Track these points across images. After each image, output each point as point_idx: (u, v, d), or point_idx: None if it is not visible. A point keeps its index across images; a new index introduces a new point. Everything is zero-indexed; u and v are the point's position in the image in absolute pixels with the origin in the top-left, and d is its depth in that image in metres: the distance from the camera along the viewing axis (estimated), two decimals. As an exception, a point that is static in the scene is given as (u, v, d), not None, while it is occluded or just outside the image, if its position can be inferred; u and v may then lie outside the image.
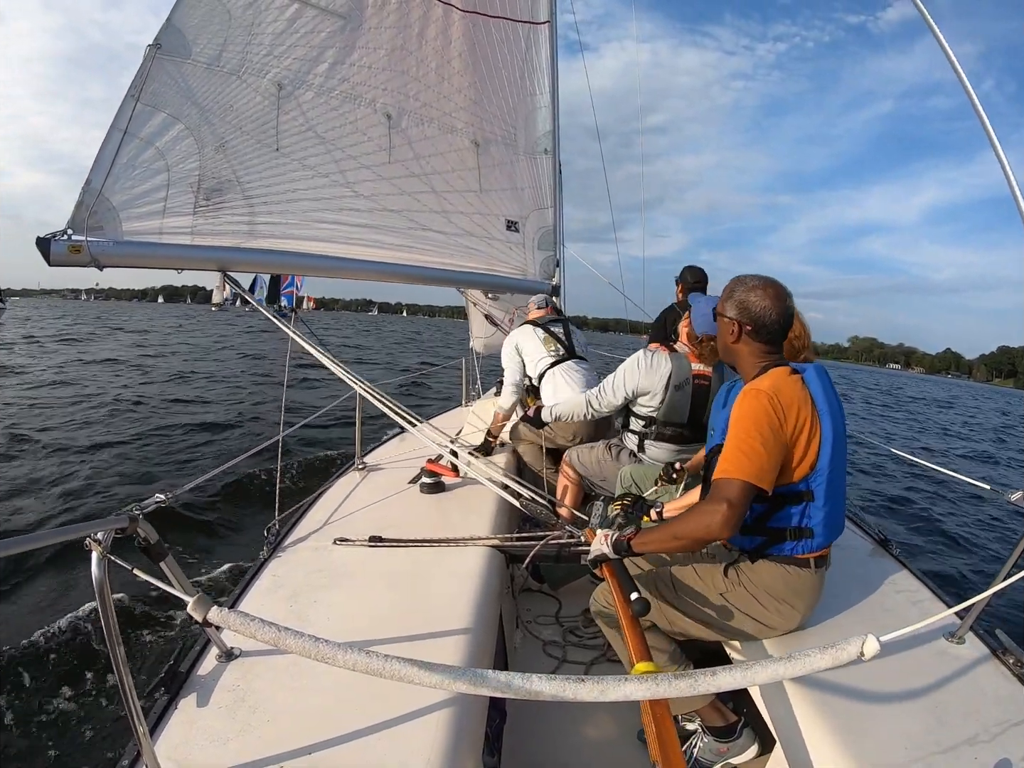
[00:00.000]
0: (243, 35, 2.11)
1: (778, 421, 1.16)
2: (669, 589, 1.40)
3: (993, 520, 5.15)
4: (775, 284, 1.30)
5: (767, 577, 1.30)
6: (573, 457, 2.41)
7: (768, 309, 1.26)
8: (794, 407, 1.18)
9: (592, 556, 1.35)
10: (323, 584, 1.59)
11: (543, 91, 3.07)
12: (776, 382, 1.21)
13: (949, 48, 1.25)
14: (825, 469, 1.21)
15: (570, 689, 0.72)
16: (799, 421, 1.18)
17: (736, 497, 1.11)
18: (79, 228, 1.74)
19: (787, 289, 1.30)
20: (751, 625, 1.33)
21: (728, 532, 1.10)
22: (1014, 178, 1.17)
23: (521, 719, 1.64)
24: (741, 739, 1.38)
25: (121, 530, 0.94)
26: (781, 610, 1.30)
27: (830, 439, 1.20)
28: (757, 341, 1.30)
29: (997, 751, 1.04)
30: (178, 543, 3.73)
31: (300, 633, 0.74)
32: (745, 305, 1.29)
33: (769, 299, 1.27)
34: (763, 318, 1.27)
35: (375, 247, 2.41)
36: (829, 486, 1.23)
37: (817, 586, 1.32)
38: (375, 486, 2.45)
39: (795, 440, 1.19)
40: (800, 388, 1.22)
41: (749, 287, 1.29)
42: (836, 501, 1.27)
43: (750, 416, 1.17)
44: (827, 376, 1.29)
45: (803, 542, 1.26)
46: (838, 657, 0.75)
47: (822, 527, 1.25)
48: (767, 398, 1.17)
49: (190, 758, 1.00)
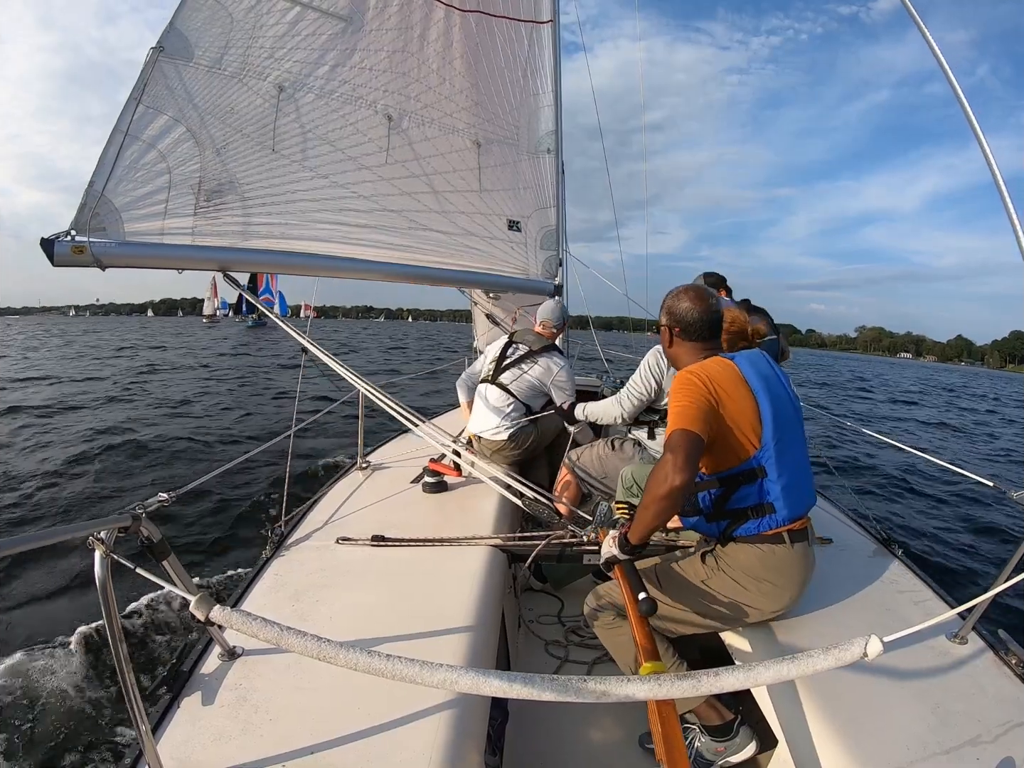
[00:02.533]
0: (244, 38, 2.12)
1: (703, 386, 1.26)
2: (655, 584, 1.42)
3: (997, 519, 5.14)
4: (697, 288, 1.46)
5: (743, 558, 1.33)
6: (572, 458, 2.41)
7: (690, 310, 1.41)
8: (723, 382, 1.28)
9: (603, 559, 1.36)
10: (325, 583, 1.59)
11: (546, 90, 3.07)
12: (702, 364, 1.34)
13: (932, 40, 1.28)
14: (771, 443, 1.27)
15: (573, 690, 0.72)
16: (728, 393, 1.27)
17: (676, 444, 1.18)
18: (82, 229, 1.76)
19: (710, 291, 1.46)
20: (739, 609, 1.34)
21: (680, 476, 1.14)
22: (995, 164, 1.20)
23: (523, 718, 1.64)
24: (738, 738, 1.38)
25: (124, 529, 0.94)
26: (763, 589, 1.32)
27: (769, 411, 1.28)
28: (688, 340, 1.44)
29: (999, 751, 1.04)
30: (181, 542, 3.74)
31: (302, 632, 0.74)
32: (671, 310, 1.45)
33: (689, 300, 1.41)
34: (686, 318, 1.42)
35: (376, 247, 2.41)
36: (780, 459, 1.28)
37: (798, 561, 1.33)
38: (377, 486, 2.45)
39: (731, 413, 1.26)
40: (730, 369, 1.31)
41: (675, 295, 1.46)
42: (794, 474, 1.31)
43: (677, 388, 1.29)
44: (764, 359, 1.40)
45: (766, 518, 1.30)
46: (841, 658, 0.75)
47: (782, 500, 1.29)
48: (689, 373, 1.31)
49: (193, 757, 1.00)
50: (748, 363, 1.34)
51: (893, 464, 7.16)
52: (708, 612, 1.37)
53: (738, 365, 1.32)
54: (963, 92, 1.21)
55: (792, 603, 1.38)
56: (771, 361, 1.41)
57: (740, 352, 1.40)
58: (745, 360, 1.35)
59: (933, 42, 1.26)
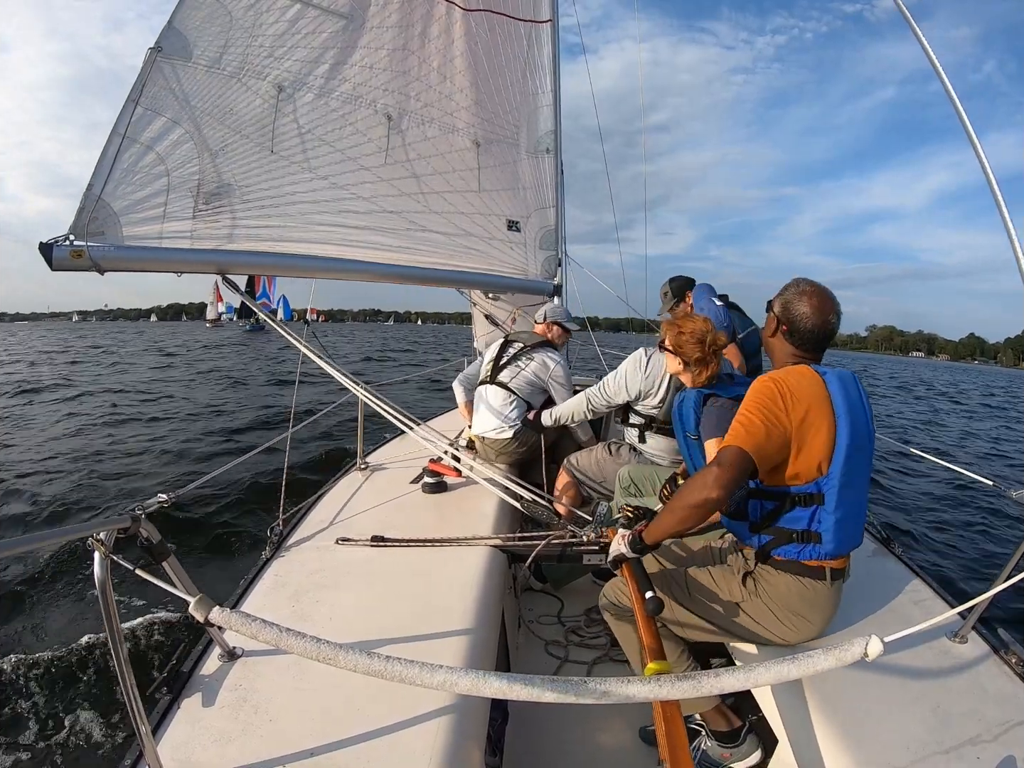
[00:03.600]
0: (244, 37, 2.11)
1: (782, 402, 1.18)
2: (683, 591, 1.39)
3: (997, 518, 5.14)
4: (824, 297, 1.31)
5: (783, 589, 1.28)
6: (572, 462, 2.41)
7: (807, 317, 1.30)
8: (803, 398, 1.19)
9: (611, 556, 1.35)
10: (325, 584, 1.59)
11: (545, 90, 3.07)
12: (787, 372, 1.25)
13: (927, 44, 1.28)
14: (838, 473, 1.19)
15: (573, 691, 0.71)
16: (808, 413, 1.18)
17: (728, 460, 1.13)
18: (80, 233, 1.75)
19: (836, 305, 1.32)
20: (764, 635, 1.32)
21: (719, 491, 1.10)
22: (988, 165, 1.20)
23: (523, 719, 1.64)
24: (744, 745, 1.38)
25: (123, 530, 0.94)
26: (796, 623, 1.29)
27: (846, 444, 1.18)
28: (790, 342, 1.34)
29: (1000, 750, 1.04)
30: (180, 543, 3.74)
31: (302, 634, 0.74)
32: (787, 307, 1.33)
33: (811, 308, 1.30)
34: (799, 323, 1.31)
35: (375, 248, 2.41)
36: (842, 492, 1.20)
37: (832, 599, 1.29)
38: (377, 486, 2.45)
39: (804, 430, 1.18)
40: (816, 384, 1.22)
41: (800, 291, 1.33)
42: (851, 510, 1.23)
43: (753, 395, 1.21)
44: (857, 384, 1.29)
45: (811, 547, 1.24)
46: (842, 658, 0.75)
47: (832, 534, 1.22)
48: (772, 382, 1.22)
49: (192, 758, 1.00)
50: (838, 383, 1.24)
51: (891, 463, 7.17)
52: (732, 629, 1.34)
53: (827, 383, 1.23)
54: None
55: (814, 636, 1.33)
56: (860, 386, 1.30)
57: (833, 369, 1.29)
58: (836, 379, 1.24)
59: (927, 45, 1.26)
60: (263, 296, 33.53)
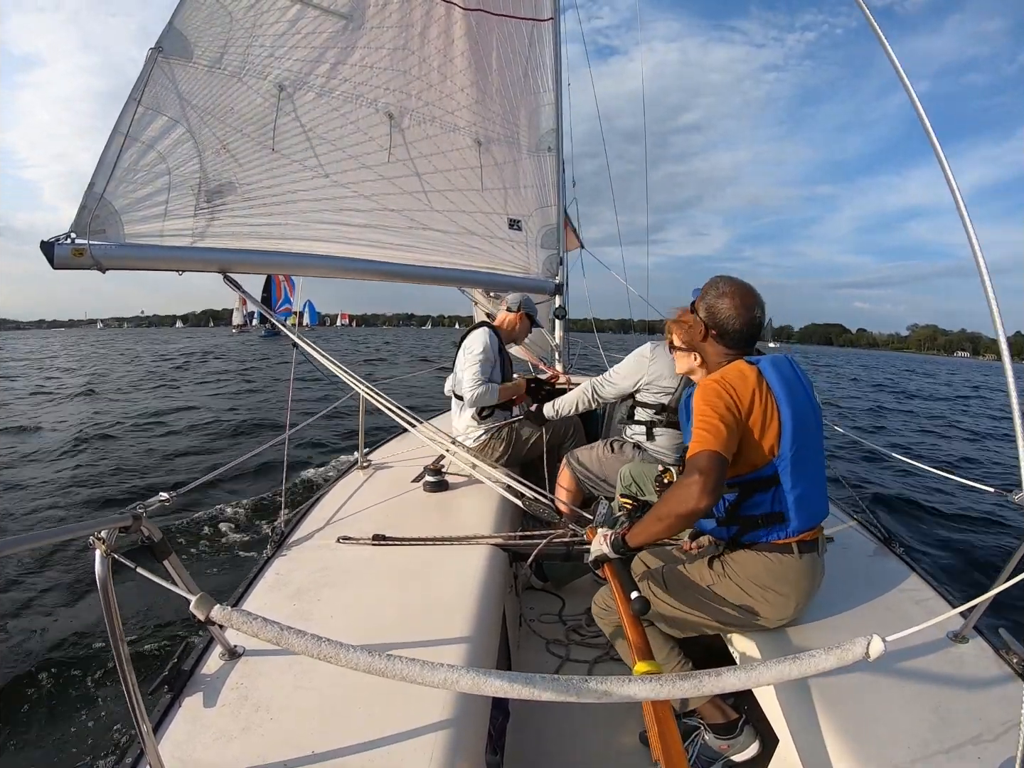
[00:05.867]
0: (244, 37, 2.12)
1: (730, 398, 1.23)
2: (661, 586, 1.42)
3: (997, 519, 5.13)
4: (745, 293, 1.34)
5: (750, 566, 1.32)
6: (573, 458, 2.41)
7: (732, 318, 1.33)
8: (746, 389, 1.24)
9: (593, 557, 1.36)
10: (326, 582, 1.59)
11: (547, 88, 3.07)
12: (725, 372, 1.30)
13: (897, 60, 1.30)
14: (788, 451, 1.24)
15: (573, 690, 0.71)
16: (752, 403, 1.24)
17: (706, 466, 1.14)
18: (82, 231, 1.76)
19: (758, 299, 1.36)
20: (743, 615, 1.34)
21: (707, 500, 1.12)
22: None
23: (524, 717, 1.64)
24: (742, 737, 1.39)
25: (125, 528, 0.94)
26: (769, 598, 1.31)
27: (790, 423, 1.24)
28: (721, 344, 1.38)
29: (1001, 751, 1.03)
30: (182, 541, 3.75)
31: (303, 632, 0.74)
32: (712, 311, 1.36)
33: (735, 309, 1.33)
34: (726, 325, 1.34)
35: (376, 247, 2.41)
36: (795, 469, 1.25)
37: (805, 571, 1.32)
38: (378, 485, 2.45)
39: (752, 421, 1.23)
40: (752, 374, 1.27)
41: (720, 293, 1.36)
42: (808, 484, 1.28)
43: (704, 400, 1.24)
44: (789, 364, 1.35)
45: (776, 527, 1.29)
46: (843, 658, 0.75)
47: (794, 511, 1.27)
48: (714, 383, 1.27)
49: (193, 756, 1.00)
50: (772, 369, 1.29)
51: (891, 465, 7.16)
52: (714, 615, 1.36)
53: (762, 370, 1.29)
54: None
55: (798, 613, 1.37)
56: (795, 365, 1.36)
57: (764, 356, 1.34)
58: (769, 365, 1.30)
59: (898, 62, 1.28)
60: (285, 302, 32.70)
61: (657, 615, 1.41)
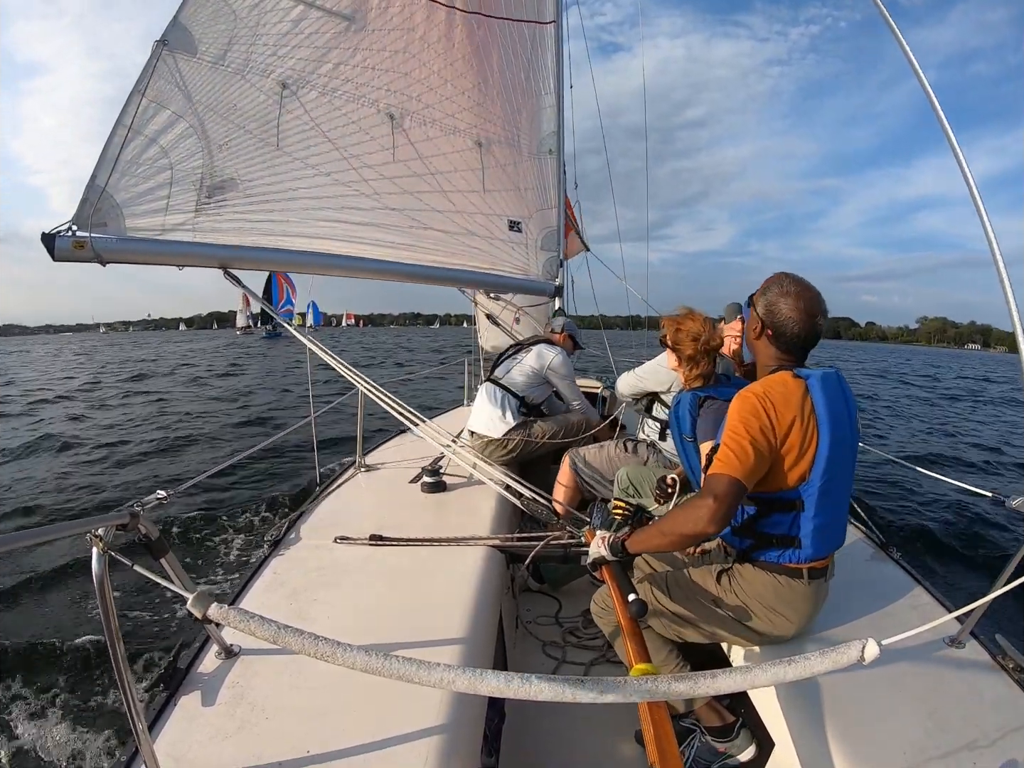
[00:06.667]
0: (248, 34, 2.12)
1: (768, 421, 1.16)
2: (664, 592, 1.41)
3: (995, 523, 5.14)
4: (810, 297, 1.25)
5: (758, 585, 1.29)
6: (578, 458, 2.40)
7: (792, 321, 1.24)
8: (787, 409, 1.17)
9: (591, 559, 1.36)
10: (324, 582, 1.59)
11: (548, 91, 3.07)
12: (769, 385, 1.21)
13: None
14: (818, 480, 1.18)
15: (569, 690, 0.71)
16: (792, 427, 1.17)
17: (724, 493, 1.10)
18: (83, 224, 1.75)
19: (822, 305, 1.26)
20: (743, 631, 1.33)
21: (715, 527, 1.09)
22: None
23: (520, 719, 1.64)
24: (739, 739, 1.39)
25: (122, 526, 0.94)
26: (772, 619, 1.30)
27: (826, 450, 1.17)
28: (775, 346, 1.29)
29: (997, 756, 1.04)
30: (180, 540, 3.74)
31: (299, 631, 0.74)
32: (772, 308, 1.27)
33: (797, 312, 1.24)
34: (784, 328, 1.25)
35: (376, 245, 2.41)
36: (822, 498, 1.20)
37: (810, 597, 1.29)
38: (376, 485, 2.45)
39: (786, 448, 1.17)
40: (798, 392, 1.19)
41: (783, 291, 1.26)
42: (831, 514, 1.23)
43: (739, 415, 1.18)
44: (838, 382, 1.25)
45: (789, 551, 1.25)
46: (838, 660, 0.75)
47: (811, 538, 1.22)
48: (756, 398, 1.19)
49: (189, 755, 1.00)
50: (820, 388, 1.20)
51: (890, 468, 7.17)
52: (713, 627, 1.35)
53: (810, 389, 1.20)
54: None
55: (797, 633, 1.35)
56: (843, 383, 1.27)
57: (815, 372, 1.24)
58: (818, 383, 1.21)
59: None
60: (287, 303, 32.55)
61: (658, 621, 1.40)
